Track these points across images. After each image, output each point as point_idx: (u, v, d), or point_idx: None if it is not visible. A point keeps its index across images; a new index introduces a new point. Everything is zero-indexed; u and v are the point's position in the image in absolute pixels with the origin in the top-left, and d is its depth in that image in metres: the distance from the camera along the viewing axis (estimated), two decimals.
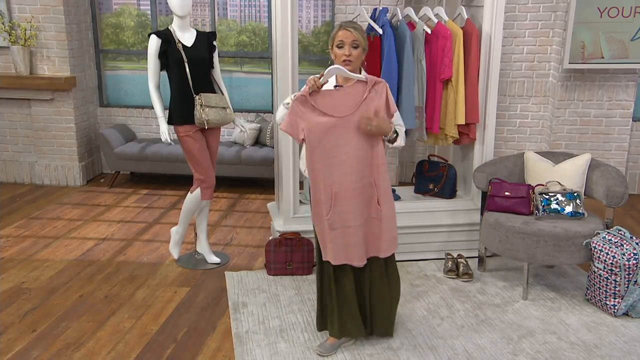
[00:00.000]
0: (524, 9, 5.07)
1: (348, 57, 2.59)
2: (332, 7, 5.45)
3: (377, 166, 2.67)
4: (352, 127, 2.60)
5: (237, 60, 5.82)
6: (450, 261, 3.74)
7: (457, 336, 3.02)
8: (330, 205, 2.64)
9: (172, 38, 3.51)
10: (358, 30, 2.60)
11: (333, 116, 2.58)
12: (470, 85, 3.73)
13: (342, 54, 2.60)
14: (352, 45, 2.59)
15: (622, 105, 5.04)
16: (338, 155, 2.61)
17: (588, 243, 3.24)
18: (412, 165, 5.20)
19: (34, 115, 5.45)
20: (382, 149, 2.68)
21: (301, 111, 2.59)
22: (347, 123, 2.59)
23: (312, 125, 2.59)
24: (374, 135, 2.62)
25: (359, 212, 2.67)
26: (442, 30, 3.65)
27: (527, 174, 3.71)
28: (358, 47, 2.60)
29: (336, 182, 2.63)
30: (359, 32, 2.60)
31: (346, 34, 2.59)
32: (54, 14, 5.22)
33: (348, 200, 2.64)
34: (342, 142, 2.60)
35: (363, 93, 2.61)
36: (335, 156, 2.61)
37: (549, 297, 3.45)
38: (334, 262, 2.70)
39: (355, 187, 2.64)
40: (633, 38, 4.70)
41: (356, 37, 2.59)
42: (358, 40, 2.60)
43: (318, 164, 2.63)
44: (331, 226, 2.66)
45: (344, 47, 2.59)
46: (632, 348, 2.92)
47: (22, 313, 3.23)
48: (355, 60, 2.61)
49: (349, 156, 2.61)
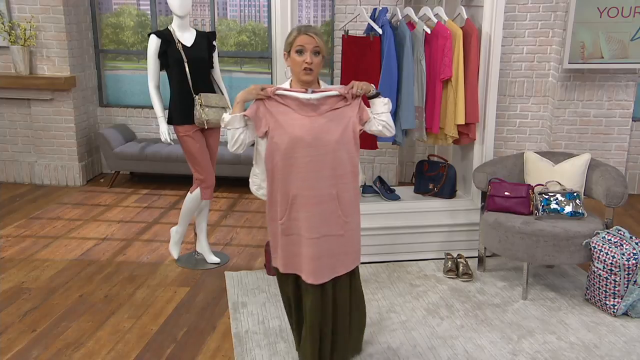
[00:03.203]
0: (523, 9, 5.07)
1: (309, 65, 2.35)
2: (332, 7, 5.45)
3: (340, 176, 2.40)
4: (318, 130, 2.36)
5: (237, 60, 5.82)
6: (450, 261, 3.74)
7: (457, 336, 3.02)
8: (285, 209, 2.42)
9: (171, 38, 3.51)
10: (319, 36, 2.38)
11: (297, 114, 2.38)
12: (470, 85, 3.73)
13: (303, 62, 2.35)
14: (313, 51, 2.35)
15: (622, 105, 5.04)
16: (299, 157, 2.36)
17: (588, 243, 3.24)
18: (412, 165, 5.20)
19: (34, 115, 5.45)
20: (350, 158, 2.41)
21: (268, 105, 2.40)
22: (312, 124, 2.36)
23: (275, 119, 2.38)
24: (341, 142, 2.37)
25: (315, 225, 2.40)
26: (441, 30, 3.65)
27: (526, 174, 3.71)
28: (319, 53, 2.37)
29: (295, 185, 2.39)
30: (320, 37, 2.38)
31: (307, 39, 2.34)
32: (54, 14, 5.22)
33: (305, 209, 2.39)
34: (303, 145, 2.35)
35: (335, 103, 2.41)
36: (296, 157, 2.37)
37: (548, 297, 3.45)
38: (282, 270, 2.52)
39: (313, 195, 2.38)
40: (633, 38, 4.70)
41: (318, 43, 2.35)
42: (320, 47, 2.36)
43: (277, 161, 2.40)
44: (284, 231, 2.44)
45: (304, 53, 2.35)
46: (632, 348, 2.92)
47: (22, 313, 3.23)
48: (316, 69, 2.38)
49: (309, 162, 2.36)
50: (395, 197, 4.02)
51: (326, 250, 2.42)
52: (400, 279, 3.67)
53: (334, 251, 2.44)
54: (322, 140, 2.35)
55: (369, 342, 2.95)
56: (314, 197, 2.38)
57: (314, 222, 2.39)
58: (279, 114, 2.38)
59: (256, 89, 2.38)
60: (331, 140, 2.36)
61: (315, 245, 2.40)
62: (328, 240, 2.42)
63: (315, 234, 2.40)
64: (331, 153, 2.36)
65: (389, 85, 3.63)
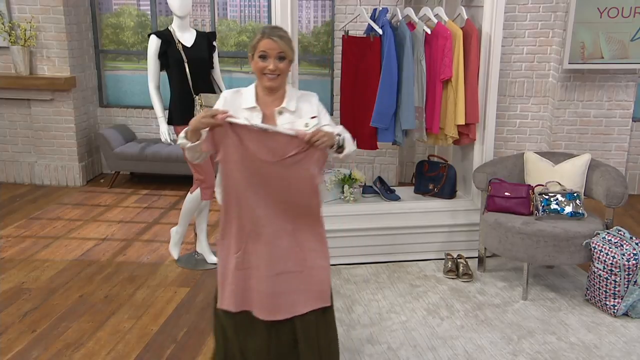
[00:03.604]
0: (523, 9, 5.07)
1: (273, 72, 2.17)
2: (332, 7, 5.45)
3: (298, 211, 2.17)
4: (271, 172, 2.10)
5: (237, 61, 5.82)
6: (450, 261, 3.74)
7: (457, 336, 3.02)
8: (241, 242, 2.19)
9: (172, 38, 3.51)
10: (284, 39, 2.18)
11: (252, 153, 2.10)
12: (470, 85, 3.73)
13: (266, 67, 2.17)
14: (277, 57, 2.16)
15: (622, 105, 5.04)
16: (253, 191, 2.14)
17: (588, 243, 3.24)
18: (412, 166, 5.20)
19: (34, 116, 5.45)
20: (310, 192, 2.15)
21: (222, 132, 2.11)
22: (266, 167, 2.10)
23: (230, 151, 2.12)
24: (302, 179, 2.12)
25: (272, 261, 2.18)
26: (442, 30, 3.65)
27: (527, 174, 3.71)
28: (285, 59, 2.18)
29: (250, 219, 2.17)
30: (285, 41, 2.18)
31: (270, 43, 2.16)
32: (54, 14, 5.22)
33: (262, 244, 2.17)
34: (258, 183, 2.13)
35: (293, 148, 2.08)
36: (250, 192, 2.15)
37: (548, 297, 3.45)
38: (234, 308, 2.20)
39: (270, 230, 2.16)
40: (633, 38, 4.70)
41: (282, 47, 2.16)
42: (285, 52, 2.17)
43: (231, 194, 2.17)
44: (238, 265, 2.19)
45: (267, 59, 2.16)
46: (632, 348, 2.92)
47: (22, 313, 3.22)
48: (282, 75, 2.20)
49: (264, 199, 2.14)
50: (395, 197, 4.02)
51: (284, 288, 2.19)
52: (400, 279, 3.67)
53: (292, 288, 2.20)
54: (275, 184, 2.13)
55: (369, 343, 2.95)
56: (271, 232, 2.16)
57: (271, 258, 2.17)
58: (231, 146, 2.12)
59: (207, 117, 2.07)
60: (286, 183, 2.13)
61: (272, 281, 2.18)
62: (286, 278, 2.19)
63: (272, 270, 2.17)
64: (287, 188, 2.14)
65: (389, 85, 3.64)
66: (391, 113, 3.69)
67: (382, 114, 3.68)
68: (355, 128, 3.92)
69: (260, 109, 2.22)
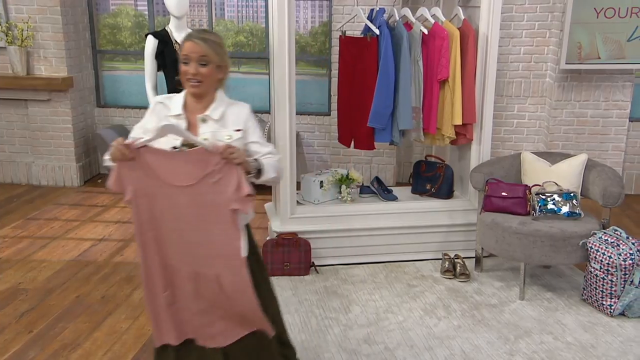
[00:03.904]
0: (521, 10, 5.08)
1: (194, 77, 2.04)
2: (329, 7, 5.45)
3: (218, 257, 2.00)
4: (187, 200, 1.97)
5: (234, 61, 5.81)
6: (447, 261, 3.74)
7: (454, 336, 3.02)
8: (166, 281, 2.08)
9: (168, 38, 3.51)
10: (209, 43, 2.04)
11: (166, 181, 1.97)
12: (467, 85, 3.74)
13: (188, 72, 2.04)
14: (199, 61, 2.03)
15: (619, 105, 5.05)
16: (169, 230, 2.02)
17: (584, 243, 3.25)
18: (409, 166, 5.20)
19: (31, 116, 5.44)
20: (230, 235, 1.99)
21: (130, 166, 1.98)
22: (183, 194, 1.96)
23: (142, 185, 1.99)
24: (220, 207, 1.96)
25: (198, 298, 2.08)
26: (439, 30, 3.65)
27: (523, 174, 3.72)
28: (207, 64, 2.04)
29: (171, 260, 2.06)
30: (210, 44, 2.04)
31: (192, 46, 2.02)
32: (51, 15, 5.21)
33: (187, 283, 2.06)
34: (174, 217, 2.00)
35: (208, 166, 1.93)
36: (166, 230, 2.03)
37: (545, 297, 3.45)
38: (174, 341, 2.12)
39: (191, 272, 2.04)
40: (629, 38, 4.71)
41: (205, 51, 2.02)
42: (208, 56, 2.03)
43: (148, 233, 2.06)
44: (169, 303, 2.09)
45: (189, 63, 2.03)
46: (629, 348, 2.92)
47: (18, 314, 3.22)
48: (205, 81, 2.05)
49: (181, 235, 2.01)
50: (393, 197, 4.02)
51: (214, 318, 2.10)
52: (397, 279, 3.67)
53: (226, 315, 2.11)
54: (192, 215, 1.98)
55: (366, 343, 2.95)
56: (193, 273, 2.04)
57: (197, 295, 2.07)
58: (143, 178, 1.98)
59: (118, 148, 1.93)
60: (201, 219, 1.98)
61: (201, 315, 2.10)
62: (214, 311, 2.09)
63: (199, 305, 2.08)
64: (203, 230, 1.99)
65: (386, 85, 3.64)
66: (388, 113, 3.69)
67: (379, 114, 3.68)
68: (353, 128, 3.93)
69: (185, 117, 2.09)
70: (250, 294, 2.03)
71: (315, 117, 5.61)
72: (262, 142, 2.14)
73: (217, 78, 2.10)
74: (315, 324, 3.14)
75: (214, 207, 1.97)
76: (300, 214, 3.78)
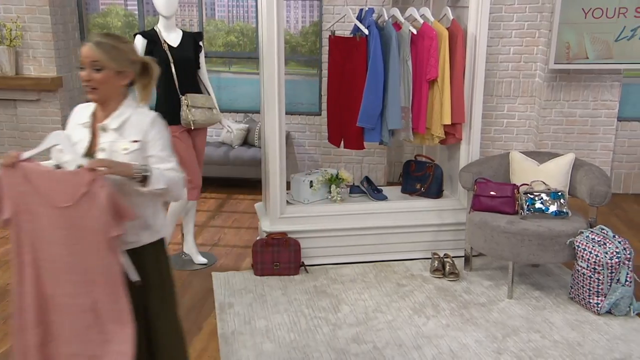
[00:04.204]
0: (510, 10, 5.10)
1: (88, 83, 1.90)
2: (320, 7, 5.46)
3: (98, 284, 1.86)
4: (65, 222, 1.83)
5: (225, 61, 5.81)
6: (436, 260, 3.76)
7: (442, 335, 3.04)
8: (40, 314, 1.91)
9: (157, 38, 3.50)
10: (103, 47, 1.89)
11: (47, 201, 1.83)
12: (456, 85, 3.75)
13: (82, 77, 1.91)
14: (92, 67, 1.88)
15: (607, 105, 5.09)
16: (47, 255, 1.88)
17: (572, 242, 3.27)
18: (400, 165, 5.21)
19: (20, 116, 5.41)
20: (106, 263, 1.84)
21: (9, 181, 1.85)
22: (62, 216, 1.82)
23: (24, 202, 1.86)
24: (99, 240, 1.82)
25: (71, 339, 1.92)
26: (427, 30, 3.67)
27: (512, 174, 3.74)
28: (102, 69, 1.88)
29: (47, 285, 1.89)
30: (104, 48, 1.88)
31: (86, 51, 1.89)
32: (40, 14, 5.18)
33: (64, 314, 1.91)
34: (53, 240, 1.85)
35: (81, 185, 1.79)
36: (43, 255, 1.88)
37: (533, 295, 3.47)
38: None
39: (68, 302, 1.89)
40: (617, 39, 4.74)
41: (97, 56, 1.87)
42: (100, 61, 1.87)
43: (24, 257, 1.90)
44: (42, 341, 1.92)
45: (84, 68, 1.90)
46: (615, 346, 2.95)
47: (6, 315, 3.20)
48: (100, 87, 1.90)
49: (58, 260, 1.87)
50: (383, 197, 4.03)
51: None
52: (387, 278, 3.68)
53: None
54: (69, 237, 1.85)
55: (355, 342, 2.96)
56: (71, 304, 1.89)
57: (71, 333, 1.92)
58: (22, 195, 1.86)
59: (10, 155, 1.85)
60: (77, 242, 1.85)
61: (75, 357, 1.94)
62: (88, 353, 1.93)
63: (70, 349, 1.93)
64: (79, 254, 1.85)
65: (375, 85, 3.65)
66: (377, 113, 3.70)
67: (369, 114, 3.69)
68: (342, 128, 3.93)
69: (90, 125, 1.99)
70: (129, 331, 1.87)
71: (306, 117, 5.62)
72: (164, 157, 1.96)
73: (118, 84, 1.94)
74: (305, 323, 3.15)
75: (91, 232, 1.83)
76: (290, 213, 3.78)
